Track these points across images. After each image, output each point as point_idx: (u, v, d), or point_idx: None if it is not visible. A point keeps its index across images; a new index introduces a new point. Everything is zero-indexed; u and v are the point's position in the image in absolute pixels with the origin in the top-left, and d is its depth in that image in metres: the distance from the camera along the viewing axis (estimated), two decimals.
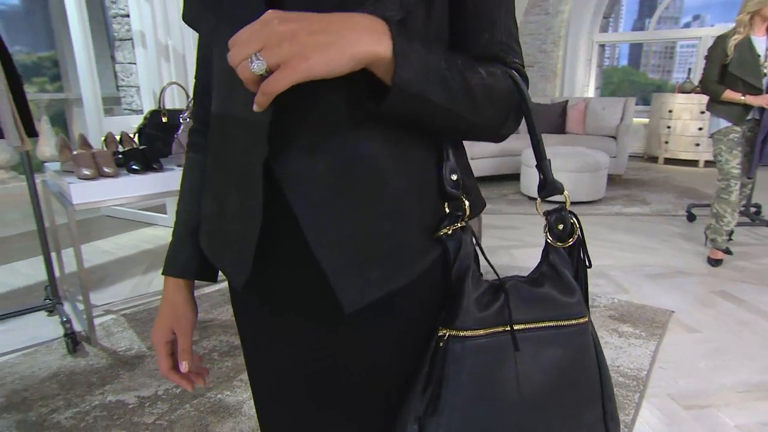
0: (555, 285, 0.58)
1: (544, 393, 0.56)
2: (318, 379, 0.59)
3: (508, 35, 0.56)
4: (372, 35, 0.43)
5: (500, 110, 0.53)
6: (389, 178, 0.51)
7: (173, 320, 0.68)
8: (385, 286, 0.52)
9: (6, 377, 1.96)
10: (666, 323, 2.39)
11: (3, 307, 2.54)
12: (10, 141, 1.87)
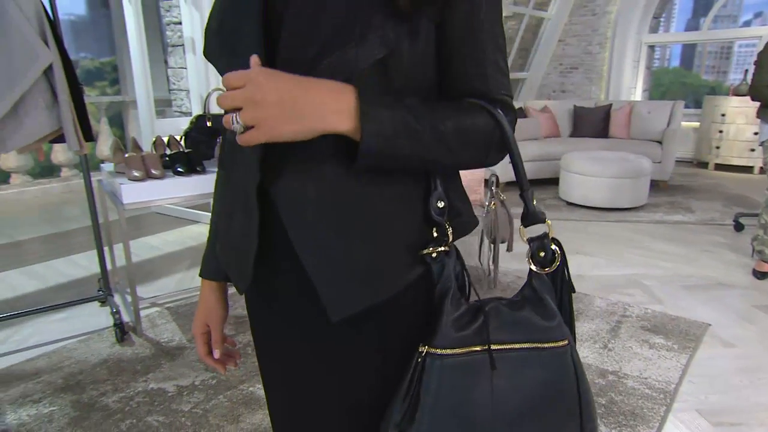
0: (536, 309, 0.61)
1: (520, 412, 0.60)
2: (311, 379, 0.66)
3: (495, 69, 0.59)
4: (336, 115, 0.50)
5: (478, 148, 0.58)
6: (374, 202, 0.57)
7: (207, 316, 0.77)
8: (367, 299, 0.58)
9: (64, 361, 2.14)
10: (701, 336, 2.33)
11: (63, 296, 2.75)
12: (70, 145, 2.04)
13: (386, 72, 0.55)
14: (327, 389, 0.65)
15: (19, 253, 3.63)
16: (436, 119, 0.54)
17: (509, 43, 7.33)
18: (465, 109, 0.57)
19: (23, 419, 1.77)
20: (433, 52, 0.58)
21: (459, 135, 0.55)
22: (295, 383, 0.68)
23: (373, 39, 0.52)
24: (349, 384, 0.63)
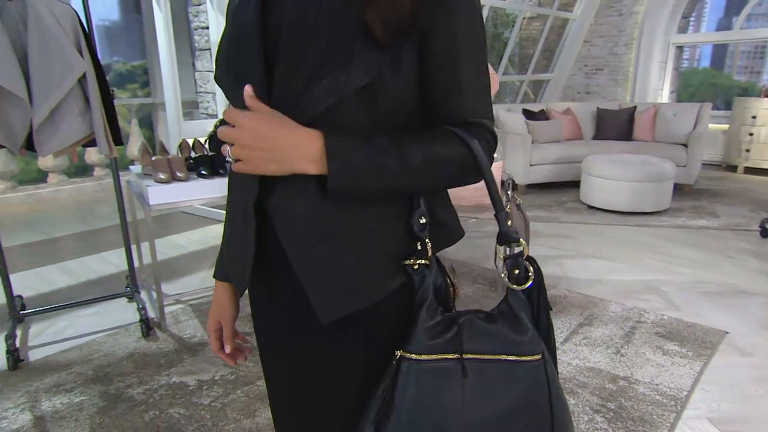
0: (509, 323, 0.65)
1: (490, 421, 0.63)
2: (305, 376, 0.72)
3: (472, 94, 0.63)
4: (305, 162, 0.58)
5: (451, 174, 0.62)
6: (360, 218, 0.63)
7: (219, 314, 0.84)
8: (352, 305, 0.63)
9: (93, 354, 2.25)
10: (717, 344, 2.31)
11: (93, 292, 2.88)
12: (101, 149, 2.15)
13: (371, 98, 0.60)
14: (319, 386, 0.71)
15: (55, 249, 3.80)
16: (404, 153, 0.59)
17: (533, 44, 7.29)
18: (438, 138, 0.61)
19: (57, 407, 1.89)
20: (415, 80, 0.63)
21: (429, 165, 0.60)
22: (291, 380, 0.74)
23: (356, 68, 0.58)
24: (339, 381, 0.69)
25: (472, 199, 3.02)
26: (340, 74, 0.58)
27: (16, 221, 4.58)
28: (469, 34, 0.63)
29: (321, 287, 0.64)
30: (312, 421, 0.73)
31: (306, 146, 0.58)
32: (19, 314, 2.43)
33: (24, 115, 2.02)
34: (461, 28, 0.62)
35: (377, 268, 0.64)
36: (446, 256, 3.43)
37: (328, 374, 0.70)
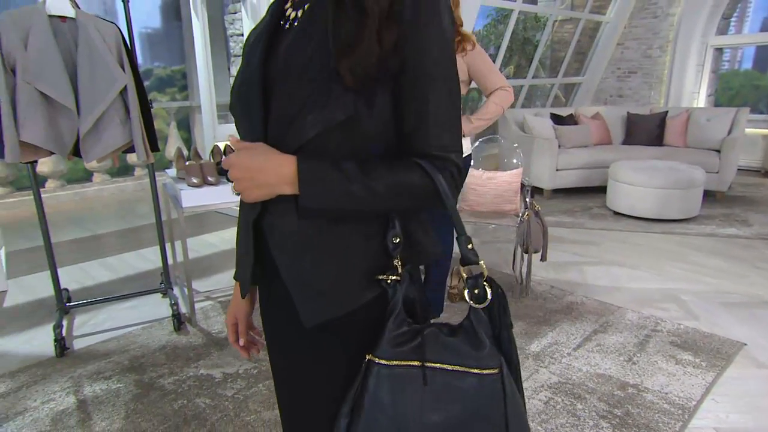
0: (468, 338, 0.72)
1: (444, 426, 0.70)
2: (297, 372, 0.82)
3: (438, 128, 0.70)
4: (282, 185, 0.69)
5: (413, 199, 0.70)
6: (340, 236, 0.72)
7: (235, 310, 0.95)
8: (331, 312, 0.73)
9: (130, 345, 2.43)
10: (732, 356, 2.31)
11: (131, 287, 3.09)
12: (139, 156, 2.32)
13: (350, 130, 0.69)
14: (309, 378, 0.81)
15: (98, 245, 4.05)
16: (369, 179, 0.67)
17: (565, 47, 7.23)
18: (403, 169, 0.69)
19: (96, 392, 2.06)
20: (390, 114, 0.71)
21: (391, 192, 0.68)
22: (287, 372, 0.85)
23: (334, 106, 0.67)
24: (325, 377, 0.79)
25: (490, 205, 3.09)
26: (322, 111, 0.68)
27: (64, 218, 4.88)
28: (438, 71, 0.70)
29: (305, 296, 0.74)
30: (303, 411, 0.84)
31: (282, 170, 0.68)
32: (65, 306, 2.63)
33: (72, 124, 2.21)
34: (430, 67, 0.69)
35: (354, 281, 0.73)
36: None
37: (316, 370, 0.80)
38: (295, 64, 0.71)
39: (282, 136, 0.71)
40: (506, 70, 7.77)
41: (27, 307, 2.88)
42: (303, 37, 0.72)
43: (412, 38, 0.68)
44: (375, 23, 0.67)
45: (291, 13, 0.78)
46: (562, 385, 2.10)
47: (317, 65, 0.69)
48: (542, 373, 2.19)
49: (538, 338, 2.47)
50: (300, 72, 0.70)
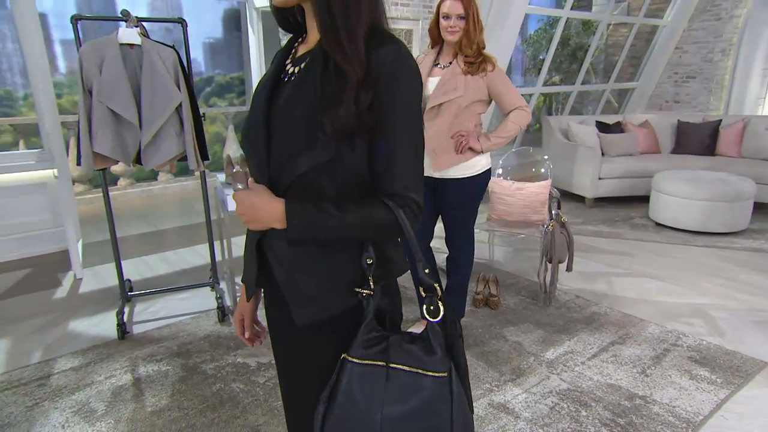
0: (423, 346, 0.87)
1: (400, 417, 0.85)
2: (292, 363, 1.03)
3: (402, 170, 0.86)
4: (275, 220, 0.85)
5: (379, 231, 0.87)
6: (326, 255, 0.90)
7: (242, 309, 1.15)
8: (317, 315, 0.91)
9: (180, 332, 2.74)
10: (753, 374, 2.31)
11: (184, 280, 3.42)
12: (190, 165, 2.61)
13: (333, 169, 0.87)
14: (300, 367, 1.00)
15: (159, 240, 4.46)
16: (343, 215, 0.84)
17: (620, 51, 7.07)
18: (372, 207, 0.85)
19: (149, 372, 2.36)
20: (366, 157, 0.88)
21: (361, 226, 0.85)
22: (285, 362, 1.06)
23: (320, 149, 0.85)
24: (313, 367, 0.97)
25: (518, 215, 3.18)
26: (310, 153, 0.86)
27: (133, 214, 5.37)
28: (404, 128, 0.86)
29: (297, 301, 0.93)
30: (296, 395, 1.04)
31: (273, 211, 0.86)
32: (127, 295, 2.99)
33: (135, 136, 2.52)
34: (398, 124, 0.86)
35: (336, 291, 0.91)
36: (496, 267, 3.59)
37: (305, 361, 0.99)
38: (290, 115, 0.90)
39: (280, 171, 0.90)
40: (553, 77, 7.70)
41: (97, 294, 3.26)
42: (298, 93, 0.91)
43: (384, 101, 0.84)
44: (353, 87, 0.83)
45: (290, 68, 0.97)
46: (571, 393, 2.19)
47: (308, 117, 0.86)
48: (553, 379, 2.28)
49: (554, 346, 2.56)
50: (294, 121, 0.89)
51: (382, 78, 0.84)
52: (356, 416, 0.86)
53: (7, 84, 5.20)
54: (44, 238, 4.00)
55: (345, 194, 0.89)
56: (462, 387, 0.88)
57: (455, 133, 2.29)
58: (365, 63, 0.84)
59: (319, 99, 0.85)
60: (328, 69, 0.86)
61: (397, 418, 0.85)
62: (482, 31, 2.25)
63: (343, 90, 0.83)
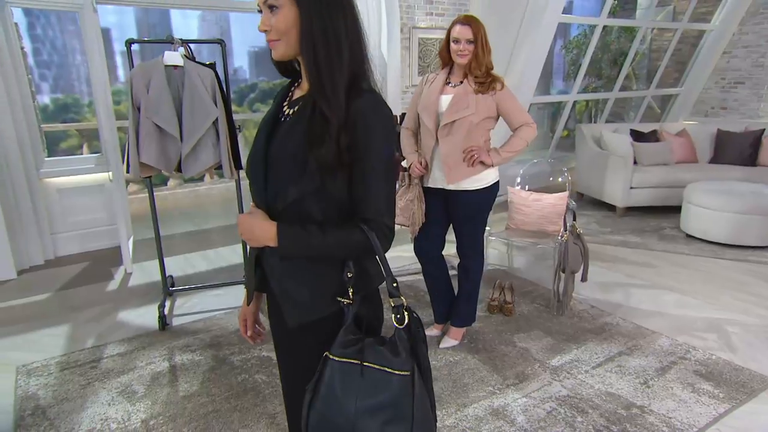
0: (391, 348, 1.03)
1: (371, 407, 1.01)
2: (287, 358, 1.22)
3: (375, 198, 1.03)
4: (268, 240, 1.03)
5: (355, 251, 1.04)
6: (311, 268, 1.08)
7: (244, 311, 1.33)
8: (305, 318, 1.09)
9: (213, 326, 3.00)
10: (758, 391, 2.33)
11: (221, 277, 3.70)
12: (225, 174, 2.88)
13: (320, 195, 1.05)
14: (292, 362, 1.20)
15: (202, 239, 4.80)
16: (324, 237, 1.02)
17: (663, 55, 6.91)
18: (348, 228, 1.03)
19: (184, 362, 2.63)
20: (346, 186, 1.05)
21: (339, 246, 1.03)
22: (281, 358, 1.25)
23: (307, 179, 1.03)
24: (302, 362, 1.15)
25: (534, 225, 3.27)
26: (299, 183, 1.04)
27: (180, 213, 5.77)
28: (378, 164, 1.03)
29: (288, 306, 1.11)
30: (290, 384, 1.23)
31: (267, 232, 1.04)
32: (169, 290, 3.29)
33: (176, 148, 2.80)
34: (373, 161, 1.03)
35: (320, 299, 1.09)
36: (515, 275, 3.69)
37: (297, 356, 1.18)
38: (284, 151, 1.08)
39: (275, 197, 1.09)
40: (594, 83, 7.59)
41: (143, 288, 3.60)
42: (291, 132, 1.09)
43: (360, 142, 1.02)
44: (335, 130, 1.01)
45: (287, 110, 1.16)
46: (570, 399, 2.29)
47: (297, 153, 1.05)
48: (554, 385, 2.39)
49: (561, 354, 2.65)
50: (287, 156, 1.07)
51: (359, 123, 1.01)
52: (335, 405, 1.03)
53: (75, 92, 5.71)
54: (101, 234, 4.41)
55: (329, 217, 1.07)
56: (423, 383, 1.04)
57: (467, 148, 2.43)
58: (344, 111, 1.02)
59: (307, 138, 1.03)
60: (315, 114, 1.04)
61: (369, 408, 1.01)
62: (490, 53, 2.38)
63: (326, 132, 1.01)
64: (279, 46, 1.06)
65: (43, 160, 4.09)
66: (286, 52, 1.06)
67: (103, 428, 2.14)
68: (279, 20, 1.03)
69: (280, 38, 1.04)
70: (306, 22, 1.02)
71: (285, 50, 1.06)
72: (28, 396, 2.36)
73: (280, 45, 1.05)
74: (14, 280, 3.74)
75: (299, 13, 1.02)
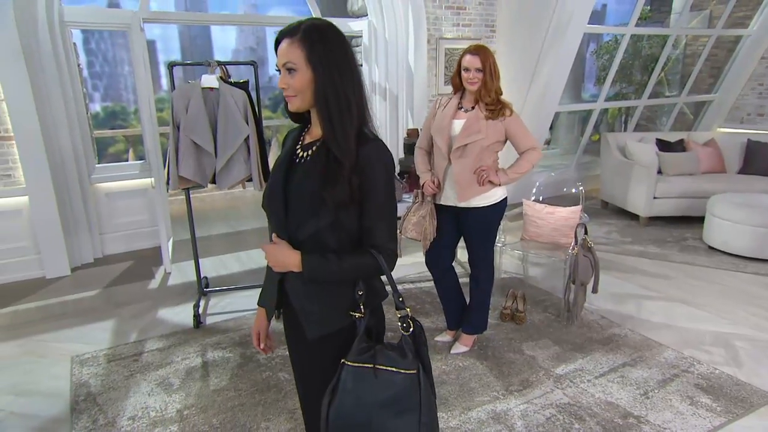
0: (399, 351, 1.23)
1: (385, 402, 1.21)
2: (304, 367, 1.40)
3: (381, 227, 1.23)
4: (294, 266, 1.21)
5: (366, 272, 1.24)
6: (328, 289, 1.27)
7: (258, 325, 1.52)
8: (324, 330, 1.28)
9: (242, 325, 3.26)
10: (756, 407, 2.40)
11: (251, 279, 3.96)
12: (255, 186, 3.12)
13: (335, 227, 1.24)
14: (314, 373, 1.37)
15: (236, 241, 5.09)
16: (341, 262, 1.21)
17: (697, 59, 6.82)
18: (360, 254, 1.23)
19: (215, 358, 2.89)
20: (358, 219, 1.24)
21: (354, 269, 1.23)
22: (298, 368, 1.45)
23: (323, 215, 1.22)
24: (321, 370, 1.33)
25: (548, 237, 3.39)
26: (316, 218, 1.24)
27: (216, 215, 6.10)
28: (384, 200, 1.23)
29: (309, 321, 1.30)
30: (308, 391, 1.42)
31: (292, 260, 1.24)
32: (203, 290, 3.57)
33: (211, 162, 3.07)
34: (379, 198, 1.22)
35: (336, 314, 1.29)
36: (530, 284, 3.81)
37: (315, 365, 1.36)
38: (303, 189, 1.27)
39: (296, 230, 1.28)
40: (625, 89, 7.53)
41: (181, 287, 3.90)
42: (307, 175, 1.28)
43: (368, 182, 1.22)
44: (347, 172, 1.21)
45: (300, 153, 1.34)
46: (570, 406, 2.42)
47: (314, 193, 1.24)
48: (556, 393, 2.52)
49: (566, 363, 2.78)
50: (306, 194, 1.26)
51: (366, 167, 1.21)
52: (353, 402, 1.23)
53: (123, 100, 6.13)
54: (144, 235, 4.76)
55: (342, 245, 1.26)
56: (428, 380, 1.25)
57: (477, 169, 2.59)
58: (355, 156, 1.21)
59: (323, 179, 1.22)
60: (329, 158, 1.23)
61: (382, 403, 1.21)
62: (499, 80, 2.53)
63: (339, 174, 1.20)
64: (295, 101, 1.24)
65: (94, 166, 4.46)
66: (301, 105, 1.25)
67: (144, 416, 2.41)
68: (296, 81, 1.20)
69: (296, 95, 1.23)
70: (320, 83, 1.19)
71: (300, 104, 1.25)
72: (81, 383, 2.67)
73: (297, 100, 1.24)
74: (68, 276, 4.11)
75: (314, 75, 1.19)
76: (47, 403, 2.52)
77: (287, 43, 1.20)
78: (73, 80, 4.11)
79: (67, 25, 4.03)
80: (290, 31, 1.21)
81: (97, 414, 2.43)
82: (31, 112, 3.73)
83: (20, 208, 3.98)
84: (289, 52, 1.20)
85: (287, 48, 1.20)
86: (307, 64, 1.18)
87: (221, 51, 7.35)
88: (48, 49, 3.85)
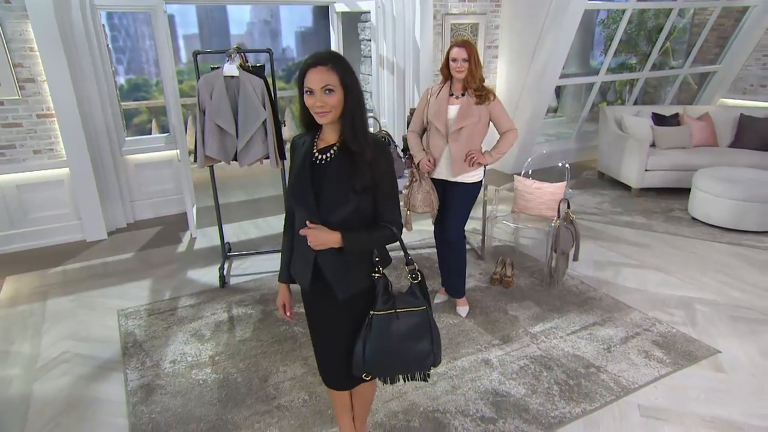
0: (411, 295, 1.68)
1: (407, 334, 1.66)
2: (334, 322, 1.79)
3: (391, 208, 1.63)
4: (335, 243, 1.59)
5: (387, 240, 1.65)
6: (354, 258, 1.66)
7: (283, 297, 1.95)
8: (351, 291, 1.68)
9: (262, 286, 3.71)
10: (700, 359, 2.79)
11: (269, 244, 4.40)
12: (271, 164, 3.50)
13: (359, 212, 1.61)
14: (341, 326, 1.76)
15: (254, 208, 5.51)
16: (368, 235, 1.62)
17: (702, 29, 6.90)
18: (380, 228, 1.63)
19: (239, 313, 3.36)
20: (373, 205, 1.63)
21: (378, 239, 1.64)
22: (325, 325, 1.83)
23: (350, 201, 1.60)
24: (349, 323, 1.74)
25: (535, 210, 3.76)
26: (345, 205, 1.60)
27: (235, 183, 6.51)
28: (390, 189, 1.63)
29: (338, 284, 1.69)
30: (336, 343, 1.80)
31: (333, 237, 1.59)
32: (227, 254, 4.02)
33: (233, 143, 3.45)
34: (387, 188, 1.62)
35: (360, 277, 1.69)
36: (522, 251, 4.19)
37: (346, 320, 1.75)
38: (332, 182, 1.62)
39: (328, 216, 1.63)
40: (631, 60, 7.59)
41: (206, 251, 4.36)
42: (334, 171, 1.61)
43: (379, 173, 1.60)
44: (366, 167, 1.58)
45: (319, 155, 1.68)
46: (541, 358, 2.85)
47: (339, 181, 1.60)
48: (531, 347, 2.95)
49: (543, 322, 3.19)
50: (335, 186, 1.62)
51: (375, 162, 1.59)
52: (384, 339, 1.66)
53: (145, 73, 6.46)
54: (170, 202, 5.21)
55: (362, 224, 1.64)
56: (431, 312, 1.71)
57: (468, 152, 2.95)
58: (369, 150, 1.58)
59: (348, 173, 1.59)
60: (351, 155, 1.59)
61: (404, 334, 1.67)
62: (481, 68, 2.89)
63: (360, 168, 1.58)
64: (330, 116, 1.53)
65: (124, 139, 4.86)
66: (333, 118, 1.57)
67: (182, 360, 2.90)
68: (333, 100, 1.50)
69: (331, 110, 1.55)
70: (350, 100, 1.54)
71: (332, 117, 1.57)
72: (128, 332, 3.16)
73: (331, 115, 1.54)
74: (105, 240, 4.60)
75: (345, 94, 1.53)
76: (102, 347, 3.02)
77: (324, 70, 1.49)
78: (103, 59, 4.47)
79: (96, 8, 4.35)
80: (322, 61, 1.50)
81: (144, 357, 2.92)
82: (69, 91, 4.12)
83: (62, 179, 4.43)
84: (327, 77, 1.49)
85: (326, 74, 1.48)
86: (341, 85, 1.52)
87: (236, 24, 7.64)
88: (81, 32, 4.19)
